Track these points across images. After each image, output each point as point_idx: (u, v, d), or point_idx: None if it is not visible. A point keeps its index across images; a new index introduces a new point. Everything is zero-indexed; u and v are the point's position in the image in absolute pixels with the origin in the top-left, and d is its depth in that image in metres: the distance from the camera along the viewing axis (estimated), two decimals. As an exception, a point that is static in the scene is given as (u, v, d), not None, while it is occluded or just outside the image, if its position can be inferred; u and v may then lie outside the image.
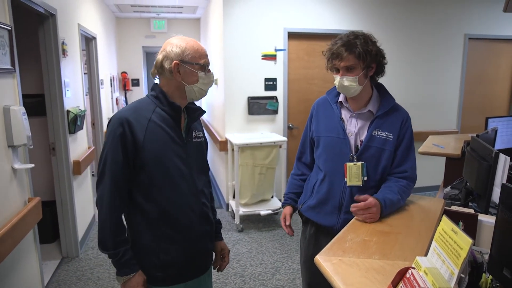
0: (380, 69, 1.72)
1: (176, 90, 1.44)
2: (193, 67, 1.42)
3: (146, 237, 1.43)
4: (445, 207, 1.73)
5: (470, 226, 1.61)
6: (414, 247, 1.27)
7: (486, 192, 1.87)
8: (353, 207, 1.55)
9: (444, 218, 0.97)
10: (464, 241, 0.86)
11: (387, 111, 1.70)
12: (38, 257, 2.50)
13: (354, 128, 1.72)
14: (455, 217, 1.62)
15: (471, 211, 1.77)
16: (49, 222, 3.53)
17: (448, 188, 2.49)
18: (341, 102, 1.78)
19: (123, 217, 1.43)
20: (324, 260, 1.19)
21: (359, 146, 1.70)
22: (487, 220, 1.61)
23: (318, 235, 1.81)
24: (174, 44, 1.42)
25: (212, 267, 1.71)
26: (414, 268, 0.97)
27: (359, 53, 1.60)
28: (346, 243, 1.31)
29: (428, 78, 5.07)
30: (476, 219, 1.62)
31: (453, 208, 1.81)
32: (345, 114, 1.76)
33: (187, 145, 1.48)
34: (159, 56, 1.43)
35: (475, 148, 2.12)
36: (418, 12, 4.87)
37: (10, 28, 2.20)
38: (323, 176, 1.77)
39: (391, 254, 1.22)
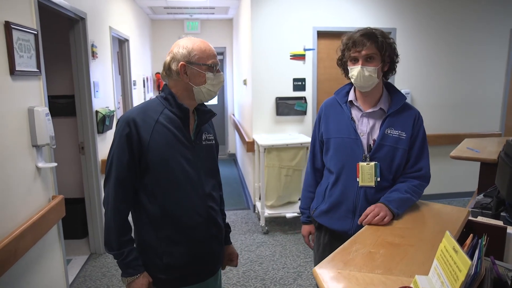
0: (392, 67, 1.67)
1: (184, 91, 1.44)
2: (200, 68, 1.40)
3: (150, 238, 1.44)
4: (470, 218, 1.59)
5: (498, 240, 1.47)
6: (423, 262, 1.16)
7: (518, 202, 1.70)
8: (365, 223, 1.51)
9: (447, 234, 0.87)
10: (464, 263, 0.76)
11: (398, 109, 1.65)
12: (63, 252, 2.58)
13: (366, 127, 1.67)
14: (480, 229, 1.49)
15: (500, 222, 1.62)
16: (79, 219, 3.66)
17: (481, 196, 2.30)
18: (351, 101, 1.72)
19: (129, 217, 1.44)
20: (321, 272, 1.11)
21: (371, 145, 1.64)
22: (518, 233, 1.46)
23: (333, 242, 1.72)
24: (180, 45, 1.41)
25: (221, 271, 1.70)
26: (411, 288, 0.88)
27: (381, 43, 1.58)
28: (349, 255, 1.22)
29: (469, 76, 4.76)
30: (504, 232, 1.47)
31: (480, 219, 1.67)
32: (355, 113, 1.70)
33: (196, 147, 1.46)
34: (167, 58, 1.43)
35: (510, 153, 1.94)
36: (457, 6, 4.58)
37: (36, 32, 2.28)
38: (334, 178, 1.71)
39: (396, 269, 1.13)
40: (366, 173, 1.62)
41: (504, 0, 4.64)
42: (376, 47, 1.58)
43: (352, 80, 1.66)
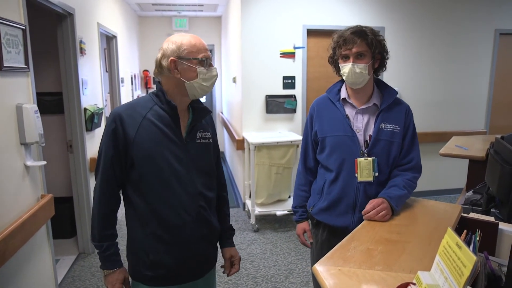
0: (382, 64, 1.71)
1: (175, 87, 1.41)
2: (191, 63, 1.37)
3: (137, 233, 1.44)
4: (463, 214, 1.62)
5: (490, 235, 1.50)
6: (422, 258, 1.18)
7: (508, 198, 1.74)
8: (366, 217, 1.54)
9: (449, 230, 0.88)
10: (468, 258, 0.77)
11: (390, 104, 1.70)
12: (51, 252, 2.54)
13: (361, 124, 1.70)
14: (473, 225, 1.51)
15: (492, 218, 1.65)
16: (67, 218, 3.60)
17: (470, 193, 2.35)
18: (344, 99, 1.74)
19: (113, 212, 1.45)
20: (322, 270, 1.12)
21: (368, 141, 1.67)
22: (509, 229, 1.49)
23: (332, 238, 1.75)
24: (170, 41, 1.40)
25: (222, 271, 1.70)
26: (414, 284, 0.89)
27: (371, 40, 1.61)
28: (348, 252, 1.23)
29: (455, 75, 4.85)
30: (496, 228, 1.50)
31: (472, 215, 1.70)
32: (349, 111, 1.73)
33: (187, 145, 1.43)
34: (158, 55, 1.41)
35: (499, 150, 1.99)
36: (444, 7, 4.66)
37: (24, 28, 2.23)
38: (334, 176, 1.72)
39: (396, 265, 1.14)
40: (365, 168, 1.65)
41: (489, 1, 4.74)
42: (366, 44, 1.61)
43: (344, 77, 1.69)
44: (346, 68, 1.64)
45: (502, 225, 1.50)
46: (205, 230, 1.49)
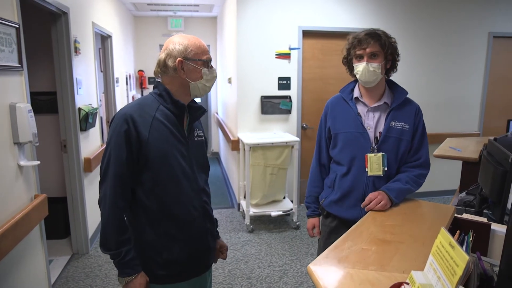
0: (394, 65, 1.81)
1: (180, 87, 1.44)
2: (197, 64, 1.42)
3: (148, 235, 1.42)
4: (456, 215, 1.63)
5: (483, 236, 1.51)
6: (415, 259, 1.19)
7: (501, 199, 1.75)
8: (367, 209, 1.66)
9: (442, 230, 0.89)
10: (461, 258, 0.78)
11: (401, 103, 1.79)
12: (45, 253, 2.52)
13: (372, 121, 1.79)
14: (466, 226, 1.53)
15: (484, 219, 1.66)
16: (61, 218, 3.57)
17: (463, 194, 2.37)
18: (356, 97, 1.84)
19: (125, 216, 1.42)
20: (316, 270, 1.12)
21: (378, 137, 1.76)
22: (501, 230, 1.51)
23: (341, 227, 1.83)
24: (176, 42, 1.42)
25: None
26: (408, 283, 0.89)
27: (384, 41, 1.72)
28: (343, 252, 1.24)
29: (449, 78, 4.88)
30: (488, 229, 1.52)
31: (465, 216, 1.71)
32: (361, 109, 1.82)
33: (189, 143, 1.48)
34: (162, 55, 1.42)
35: (492, 152, 2.00)
36: (439, 9, 4.69)
37: (18, 26, 2.21)
38: (346, 170, 1.81)
39: (389, 265, 1.15)
40: (374, 163, 1.74)
41: (483, 4, 4.78)
42: (380, 45, 1.72)
43: (358, 76, 1.78)
44: (360, 66, 1.74)
45: (495, 226, 1.52)
46: (208, 224, 1.55)
